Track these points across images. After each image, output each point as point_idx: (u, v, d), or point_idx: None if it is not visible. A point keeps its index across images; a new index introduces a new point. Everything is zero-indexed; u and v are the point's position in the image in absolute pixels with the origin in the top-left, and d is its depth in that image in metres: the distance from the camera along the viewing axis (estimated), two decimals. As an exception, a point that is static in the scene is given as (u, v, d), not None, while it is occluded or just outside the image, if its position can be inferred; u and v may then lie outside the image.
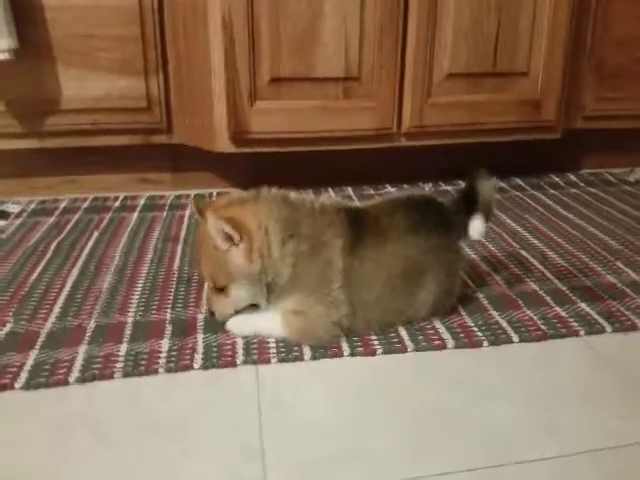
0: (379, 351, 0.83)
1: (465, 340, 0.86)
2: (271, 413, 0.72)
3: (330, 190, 1.51)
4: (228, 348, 0.84)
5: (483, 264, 1.10)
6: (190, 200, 1.43)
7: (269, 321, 0.85)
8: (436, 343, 0.85)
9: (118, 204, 1.43)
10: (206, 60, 1.29)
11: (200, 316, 0.92)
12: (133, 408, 0.73)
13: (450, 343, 0.85)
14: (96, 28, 1.32)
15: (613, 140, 1.68)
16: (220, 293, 0.85)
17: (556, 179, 1.63)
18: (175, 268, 1.09)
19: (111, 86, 1.36)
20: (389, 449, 0.67)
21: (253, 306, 0.87)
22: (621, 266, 1.09)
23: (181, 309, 0.94)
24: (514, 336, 0.87)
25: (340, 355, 0.83)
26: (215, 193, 1.53)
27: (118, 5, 1.31)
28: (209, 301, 0.89)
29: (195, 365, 0.80)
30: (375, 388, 0.77)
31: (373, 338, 0.86)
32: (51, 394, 0.75)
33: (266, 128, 1.35)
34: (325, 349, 0.83)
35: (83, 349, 0.83)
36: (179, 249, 1.17)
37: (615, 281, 1.03)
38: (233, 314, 0.87)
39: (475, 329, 0.88)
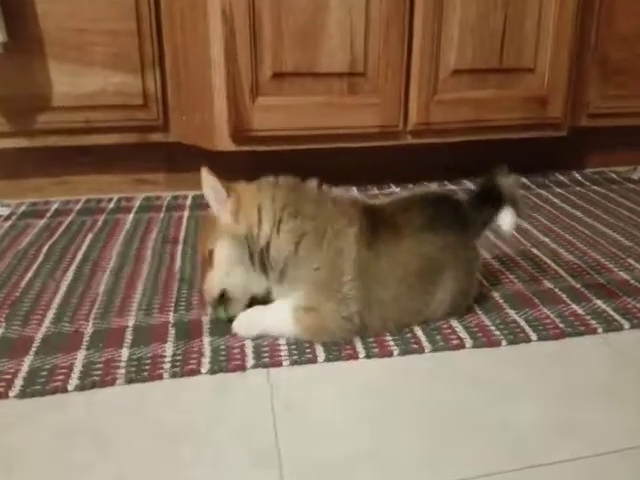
0: (395, 352, 0.80)
1: (483, 339, 0.84)
2: (285, 416, 0.69)
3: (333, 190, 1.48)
4: (237, 351, 0.80)
5: (495, 263, 1.08)
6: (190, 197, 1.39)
7: (278, 319, 0.81)
8: (454, 343, 0.83)
9: (112, 205, 1.38)
10: (205, 53, 1.25)
11: (205, 318, 0.88)
12: (138, 415, 0.69)
13: (468, 342, 0.83)
14: (90, 22, 1.27)
15: (617, 137, 1.68)
16: (210, 266, 0.83)
17: (561, 177, 1.63)
18: (176, 269, 1.04)
19: (106, 82, 1.31)
20: (406, 452, 0.64)
21: (253, 305, 0.84)
22: (633, 263, 1.09)
23: (184, 311, 0.90)
24: (532, 335, 0.85)
25: (355, 357, 0.80)
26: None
27: (113, -2, 1.27)
28: (202, 279, 0.86)
29: (202, 369, 0.76)
30: (392, 389, 0.75)
31: (389, 339, 0.83)
32: (48, 402, 0.71)
33: (268, 125, 1.31)
34: (339, 351, 0.80)
35: (81, 355, 0.79)
36: (179, 250, 1.13)
37: (628, 277, 1.03)
38: (221, 285, 0.82)
39: (493, 328, 0.86)
